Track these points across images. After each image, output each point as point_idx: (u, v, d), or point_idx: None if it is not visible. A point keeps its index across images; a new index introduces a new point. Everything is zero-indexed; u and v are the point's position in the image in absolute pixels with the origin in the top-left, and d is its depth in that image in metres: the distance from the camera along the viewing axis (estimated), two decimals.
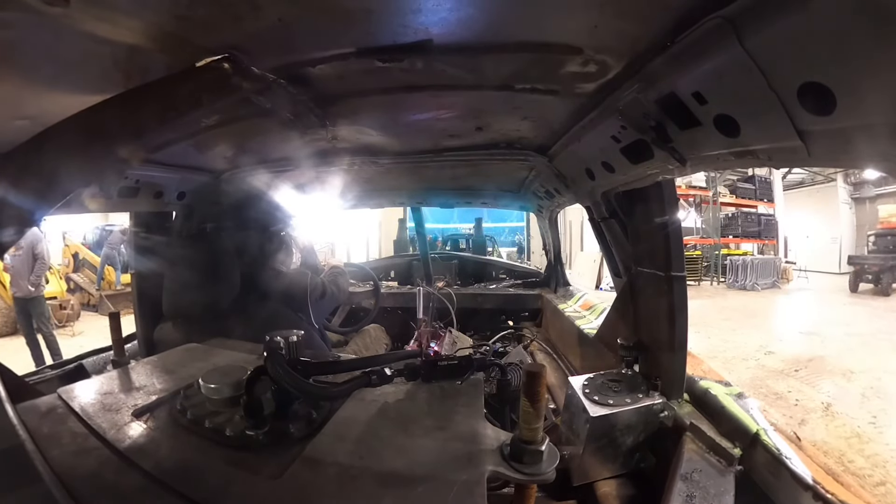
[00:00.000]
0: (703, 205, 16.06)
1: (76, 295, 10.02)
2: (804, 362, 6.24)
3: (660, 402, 1.27)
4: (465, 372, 1.07)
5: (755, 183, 16.80)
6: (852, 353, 6.63)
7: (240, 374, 0.94)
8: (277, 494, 0.72)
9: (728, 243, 16.16)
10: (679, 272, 1.28)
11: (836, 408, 4.71)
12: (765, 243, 16.22)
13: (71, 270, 10.74)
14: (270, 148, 1.82)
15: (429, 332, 2.59)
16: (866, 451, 3.86)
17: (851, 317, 9.38)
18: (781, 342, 7.36)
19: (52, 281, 8.93)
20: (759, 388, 5.31)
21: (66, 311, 8.87)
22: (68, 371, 1.85)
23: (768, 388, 5.32)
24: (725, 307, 10.70)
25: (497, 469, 0.76)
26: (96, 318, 9.53)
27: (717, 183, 15.75)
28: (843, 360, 6.31)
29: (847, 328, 8.21)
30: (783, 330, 8.43)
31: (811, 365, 6.14)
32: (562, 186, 1.94)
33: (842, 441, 4.03)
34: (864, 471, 3.52)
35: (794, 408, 4.77)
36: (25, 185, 0.83)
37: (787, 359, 6.42)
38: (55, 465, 0.70)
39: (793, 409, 4.72)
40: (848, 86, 0.56)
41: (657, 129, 0.98)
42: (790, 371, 5.92)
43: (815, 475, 0.96)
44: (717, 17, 0.66)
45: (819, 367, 6.05)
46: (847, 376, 5.70)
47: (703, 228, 15.97)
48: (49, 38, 0.78)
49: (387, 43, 0.88)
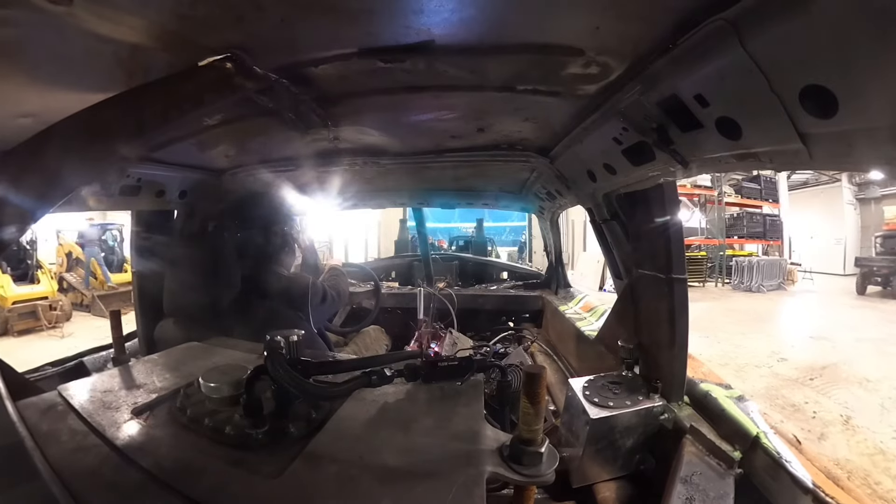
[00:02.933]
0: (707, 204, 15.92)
1: (69, 295, 9.88)
2: (818, 370, 6.10)
3: (660, 404, 1.27)
4: (466, 373, 1.07)
5: (760, 183, 16.64)
6: (866, 359, 6.49)
7: (240, 374, 0.94)
8: (276, 493, 0.72)
9: (732, 244, 15.97)
10: (680, 274, 1.28)
11: (855, 421, 4.56)
12: (769, 244, 16.08)
13: (65, 270, 10.64)
14: (272, 147, 1.82)
15: (429, 333, 2.59)
16: (893, 469, 3.67)
17: (861, 321, 9.23)
18: (793, 348, 7.22)
19: (44, 281, 8.88)
20: (774, 398, 5.16)
21: (56, 312, 8.66)
22: (69, 369, 1.85)
23: (784, 399, 5.14)
24: (733, 310, 10.56)
25: (496, 470, 0.76)
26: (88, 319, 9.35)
27: (722, 182, 15.55)
28: (858, 367, 6.18)
29: (858, 333, 8.07)
30: (793, 334, 8.29)
31: (825, 373, 6.00)
32: (563, 188, 1.94)
33: (865, 459, 3.84)
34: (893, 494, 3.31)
35: (812, 421, 4.61)
36: (27, 183, 0.83)
37: (801, 366, 6.26)
38: (54, 462, 0.70)
39: (811, 423, 4.56)
40: (850, 89, 0.56)
41: (659, 131, 0.98)
42: (805, 380, 5.77)
43: (815, 479, 0.96)
44: (718, 19, 0.66)
45: (834, 376, 5.90)
46: (863, 385, 5.56)
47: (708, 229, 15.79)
48: (52, 36, 0.79)
49: (389, 43, 0.89)
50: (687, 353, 1.31)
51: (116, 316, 1.39)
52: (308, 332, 1.49)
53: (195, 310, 1.56)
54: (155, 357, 1.28)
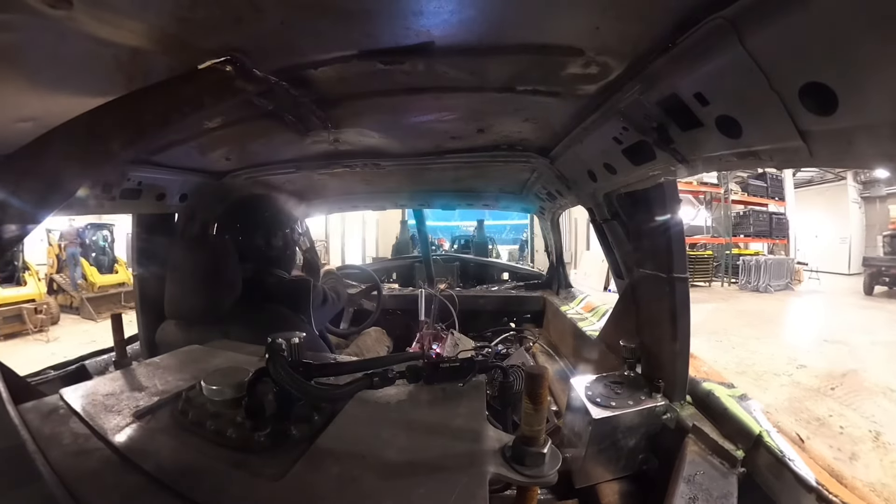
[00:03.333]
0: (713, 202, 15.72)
1: (58, 297, 9.61)
2: (838, 378, 5.89)
3: (662, 403, 1.27)
4: (468, 374, 1.07)
5: (766, 180, 16.38)
6: (884, 365, 6.30)
7: (242, 376, 0.94)
8: (279, 495, 0.72)
9: (738, 242, 15.76)
10: (681, 273, 1.28)
11: (886, 437, 4.32)
12: (775, 243, 15.89)
13: (55, 271, 10.35)
14: (272, 150, 1.83)
15: (431, 334, 2.59)
16: None
17: (872, 323, 9.07)
18: (809, 353, 7.01)
19: (30, 283, 8.53)
20: (799, 412, 4.91)
21: (41, 316, 8.28)
22: (70, 372, 1.86)
23: (809, 413, 4.89)
24: (742, 311, 10.39)
25: (499, 471, 0.75)
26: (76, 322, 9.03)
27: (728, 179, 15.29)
28: (878, 374, 5.99)
29: (871, 336, 7.89)
30: (807, 338, 8.07)
31: (846, 381, 5.79)
32: (563, 188, 1.94)
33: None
34: None
35: (840, 437, 4.36)
36: (28, 186, 0.83)
37: (820, 373, 6.04)
38: (56, 465, 0.70)
39: (839, 440, 4.29)
40: (850, 86, 0.56)
41: (659, 130, 0.98)
42: (826, 389, 5.54)
43: (819, 477, 0.95)
44: (718, 17, 0.66)
45: (855, 384, 5.69)
46: (888, 395, 5.35)
47: (714, 227, 15.58)
48: (52, 40, 0.79)
49: (388, 45, 0.89)
50: (689, 352, 1.31)
51: (118, 319, 1.39)
52: (310, 335, 1.49)
53: (197, 313, 1.55)
54: (156, 360, 1.28)
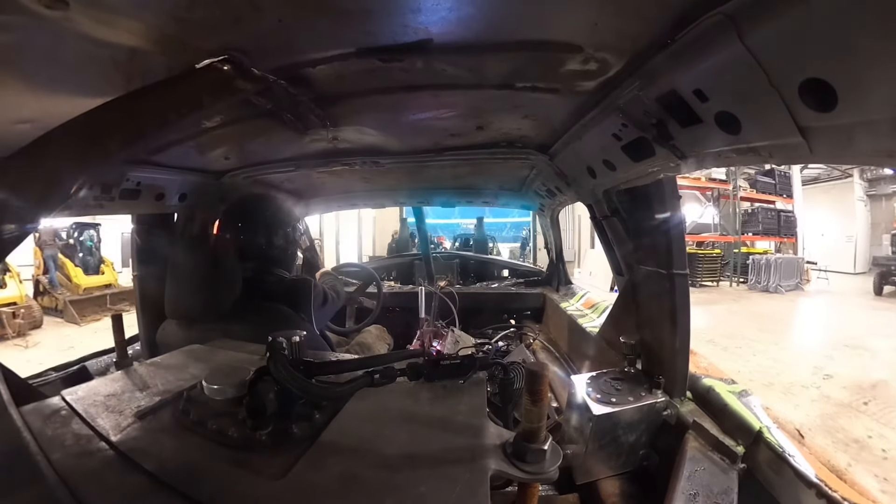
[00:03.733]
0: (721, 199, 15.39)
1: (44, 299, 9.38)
2: (868, 389, 5.53)
3: (662, 400, 1.27)
4: (468, 371, 1.07)
5: (775, 177, 16.05)
6: None
7: (243, 375, 0.94)
8: (281, 494, 0.72)
9: (745, 241, 15.39)
10: (681, 270, 1.28)
11: None
12: (783, 241, 15.63)
13: (42, 272, 10.13)
14: (271, 149, 1.82)
15: (431, 332, 2.59)
16: None
17: (888, 325, 8.73)
18: (832, 360, 6.64)
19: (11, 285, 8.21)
20: (834, 431, 4.45)
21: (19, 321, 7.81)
22: (71, 373, 1.86)
23: (845, 433, 4.40)
24: (756, 314, 10.02)
25: (500, 468, 0.76)
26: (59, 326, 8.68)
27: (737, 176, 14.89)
28: None
29: (891, 340, 7.56)
30: (826, 343, 7.68)
31: (877, 393, 5.42)
32: (563, 185, 1.94)
33: None
34: None
35: (884, 463, 3.88)
36: (27, 188, 0.83)
37: (849, 384, 5.67)
38: (58, 466, 0.71)
39: (883, 466, 3.82)
40: (849, 82, 0.56)
41: (658, 126, 0.97)
42: (858, 404, 5.13)
43: (819, 473, 0.96)
44: (717, 13, 0.66)
45: (887, 397, 5.30)
46: None
47: (722, 225, 15.21)
48: (49, 41, 0.79)
49: (387, 43, 0.88)
50: (689, 349, 1.31)
51: (119, 320, 1.39)
52: (310, 333, 1.49)
53: (197, 312, 1.56)
54: (157, 360, 1.28)
